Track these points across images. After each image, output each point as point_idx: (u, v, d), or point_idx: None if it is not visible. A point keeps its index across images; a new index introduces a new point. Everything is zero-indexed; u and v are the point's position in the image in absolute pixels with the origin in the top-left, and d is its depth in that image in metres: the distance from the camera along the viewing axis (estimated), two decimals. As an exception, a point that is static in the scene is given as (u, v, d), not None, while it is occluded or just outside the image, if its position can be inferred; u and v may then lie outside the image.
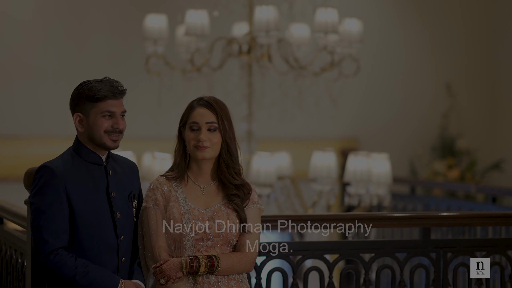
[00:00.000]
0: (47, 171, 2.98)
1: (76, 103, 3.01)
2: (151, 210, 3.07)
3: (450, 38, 8.71)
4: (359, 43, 5.80)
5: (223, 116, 3.07)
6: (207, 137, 3.05)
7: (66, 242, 2.96)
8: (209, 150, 3.07)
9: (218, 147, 3.08)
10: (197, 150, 3.06)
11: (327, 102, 6.38)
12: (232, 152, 3.08)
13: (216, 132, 3.07)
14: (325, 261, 3.73)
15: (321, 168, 5.56)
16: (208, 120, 3.06)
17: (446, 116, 8.69)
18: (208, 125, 3.06)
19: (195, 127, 3.07)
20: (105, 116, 2.98)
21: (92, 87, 2.98)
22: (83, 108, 3.00)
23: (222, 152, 3.08)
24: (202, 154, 3.06)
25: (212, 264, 3.02)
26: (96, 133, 2.99)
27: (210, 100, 3.09)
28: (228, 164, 3.08)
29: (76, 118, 3.01)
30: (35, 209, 2.97)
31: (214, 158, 3.10)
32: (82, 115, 3.00)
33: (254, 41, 5.74)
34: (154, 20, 5.73)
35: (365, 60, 6.64)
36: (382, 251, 3.79)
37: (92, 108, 2.99)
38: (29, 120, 7.41)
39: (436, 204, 7.03)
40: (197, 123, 3.07)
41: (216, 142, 3.07)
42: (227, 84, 6.12)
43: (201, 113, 3.07)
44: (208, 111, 3.07)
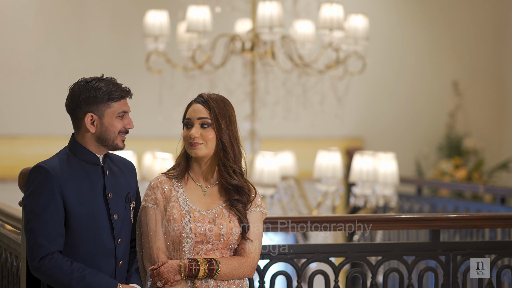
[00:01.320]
0: (41, 171, 2.92)
1: (86, 103, 2.94)
2: (150, 209, 3.02)
3: (457, 35, 8.72)
4: (365, 40, 5.76)
5: (219, 113, 3.01)
6: (198, 133, 3.01)
7: (61, 245, 2.91)
8: (201, 147, 3.01)
9: (213, 145, 3.02)
10: (190, 147, 3.02)
11: (332, 100, 6.41)
12: (227, 150, 3.02)
13: (209, 129, 3.01)
14: (330, 264, 3.67)
15: (326, 168, 5.56)
16: (200, 116, 3.01)
17: (453, 115, 8.67)
18: (200, 121, 3.01)
19: (189, 124, 3.03)
20: (120, 116, 2.95)
21: (103, 86, 2.93)
22: (96, 108, 2.94)
23: (217, 150, 3.03)
24: (195, 151, 3.02)
25: (212, 268, 2.96)
26: (111, 134, 2.95)
27: (208, 96, 3.04)
28: (225, 163, 3.02)
29: (88, 118, 2.94)
30: (29, 211, 2.91)
31: (208, 156, 3.04)
32: (95, 116, 2.94)
33: (257, 38, 5.71)
34: (155, 16, 5.69)
35: (370, 58, 6.66)
36: (389, 254, 3.73)
37: (107, 109, 2.94)
38: (28, 120, 7.42)
39: (443, 204, 7.00)
40: (190, 119, 3.04)
41: (210, 139, 3.01)
42: (229, 82, 6.12)
43: (195, 109, 3.03)
44: (202, 107, 3.02)
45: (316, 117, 6.95)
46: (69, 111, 3.00)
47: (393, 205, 5.80)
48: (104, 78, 2.98)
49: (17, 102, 7.38)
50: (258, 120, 6.02)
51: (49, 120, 7.27)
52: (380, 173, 5.70)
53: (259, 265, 3.54)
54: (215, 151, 3.03)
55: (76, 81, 3.00)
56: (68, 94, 2.99)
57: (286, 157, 6.16)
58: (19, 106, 7.39)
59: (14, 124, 7.38)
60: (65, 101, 3.02)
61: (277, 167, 5.54)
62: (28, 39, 7.42)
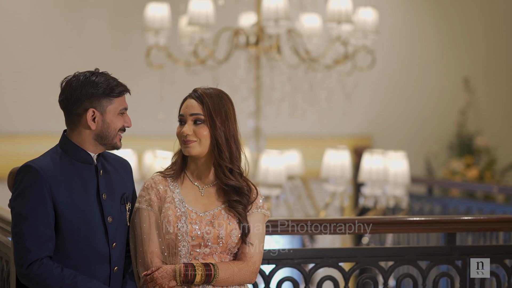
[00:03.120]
0: (30, 171, 2.82)
1: (88, 98, 2.86)
2: (144, 211, 2.93)
3: (469, 29, 8.72)
4: (374, 33, 5.77)
5: (213, 109, 2.92)
6: (191, 130, 2.92)
7: (51, 250, 2.82)
8: (195, 145, 2.92)
9: (207, 143, 2.94)
10: (183, 145, 2.94)
11: (340, 97, 6.43)
12: (222, 149, 2.93)
13: (202, 125, 2.93)
14: (340, 269, 3.58)
15: (335, 167, 5.53)
16: (192, 112, 2.92)
17: (464, 112, 8.66)
18: (193, 117, 2.92)
19: (182, 120, 2.96)
20: (121, 113, 2.89)
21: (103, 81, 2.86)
22: (99, 104, 2.86)
23: (211, 149, 2.94)
24: (188, 149, 2.93)
25: (210, 273, 2.86)
26: (112, 131, 2.88)
27: (203, 91, 2.96)
28: (220, 162, 2.94)
29: (89, 114, 2.85)
30: (16, 214, 2.82)
31: (203, 154, 2.95)
32: (97, 112, 2.86)
33: (262, 32, 5.67)
34: (155, 9, 5.64)
35: (380, 52, 6.69)
36: (402, 259, 3.65)
37: (110, 105, 2.87)
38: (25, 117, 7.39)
39: (454, 205, 7.01)
40: (183, 115, 2.95)
41: (204, 136, 2.93)
42: (233, 78, 6.10)
43: (188, 105, 2.94)
44: (195, 103, 2.93)
45: (323, 114, 6.94)
46: (65, 107, 2.89)
47: (404, 206, 5.78)
48: (101, 72, 2.91)
49: (14, 99, 7.37)
50: (263, 118, 5.99)
51: (47, 117, 7.29)
52: (390, 172, 5.66)
53: (264, 271, 3.47)
54: (210, 149, 2.94)
55: (72, 75, 2.90)
56: (63, 89, 2.89)
57: (292, 156, 6.12)
58: (17, 103, 7.38)
59: (11, 122, 7.36)
60: (59, 96, 2.91)
61: (283, 166, 5.49)
62: (25, 34, 7.40)
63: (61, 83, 2.91)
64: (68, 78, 2.90)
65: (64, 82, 2.90)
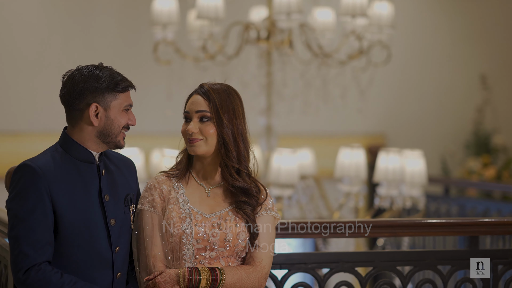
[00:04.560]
0: (27, 170, 2.73)
1: (91, 92, 2.78)
2: (147, 213, 2.86)
3: (486, 25, 8.69)
4: (390, 28, 5.76)
5: (220, 105, 2.84)
6: (197, 128, 2.84)
7: (50, 255, 2.74)
8: (200, 143, 2.83)
9: (214, 141, 2.86)
10: (188, 143, 2.85)
11: (354, 93, 6.31)
12: (229, 148, 2.85)
13: (208, 123, 2.85)
14: (356, 274, 3.51)
15: (349, 166, 5.49)
16: (198, 109, 2.84)
17: (481, 110, 8.62)
18: (198, 114, 2.84)
19: (188, 118, 2.88)
20: (126, 110, 2.83)
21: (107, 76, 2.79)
22: (102, 99, 2.79)
23: (218, 148, 2.86)
24: (193, 148, 2.84)
25: (215, 278, 2.78)
26: (116, 129, 2.82)
27: (210, 86, 2.88)
28: (226, 162, 2.86)
29: (92, 109, 2.78)
30: (13, 216, 2.73)
31: (209, 154, 2.87)
32: (100, 107, 2.79)
33: (274, 26, 5.65)
34: (163, 2, 5.62)
35: (395, 48, 6.68)
36: (422, 263, 3.56)
37: (114, 100, 2.80)
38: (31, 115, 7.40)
39: (472, 206, 6.98)
40: (188, 112, 2.87)
41: (210, 134, 2.85)
42: (244, 73, 6.03)
43: (193, 101, 2.86)
44: (201, 99, 2.85)
45: (336, 111, 6.89)
46: (66, 102, 2.80)
47: (421, 206, 5.75)
48: (105, 66, 2.84)
49: (19, 97, 7.36)
50: (275, 115, 5.96)
51: (53, 116, 7.23)
52: (407, 172, 5.62)
53: (276, 276, 3.40)
54: (217, 148, 2.86)
55: (74, 69, 2.81)
56: (65, 83, 2.80)
57: (305, 154, 6.09)
58: (22, 101, 7.39)
59: (16, 120, 7.35)
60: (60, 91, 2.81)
61: (295, 165, 5.44)
62: (31, 31, 7.40)
63: (62, 77, 2.82)
64: (70, 71, 2.81)
65: (66, 76, 2.82)
